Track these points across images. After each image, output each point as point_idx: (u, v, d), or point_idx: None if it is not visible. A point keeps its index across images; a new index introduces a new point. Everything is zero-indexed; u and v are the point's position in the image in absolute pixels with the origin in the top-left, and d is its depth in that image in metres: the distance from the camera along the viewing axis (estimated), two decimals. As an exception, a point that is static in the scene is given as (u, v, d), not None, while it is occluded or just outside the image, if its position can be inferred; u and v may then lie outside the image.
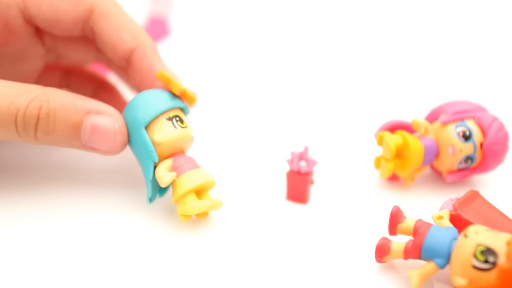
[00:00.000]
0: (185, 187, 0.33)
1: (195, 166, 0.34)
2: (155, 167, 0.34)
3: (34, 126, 0.33)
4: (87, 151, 0.35)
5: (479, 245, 0.28)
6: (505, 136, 0.38)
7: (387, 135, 0.37)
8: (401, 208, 0.33)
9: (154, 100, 0.34)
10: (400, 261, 0.33)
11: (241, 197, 0.38)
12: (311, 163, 0.37)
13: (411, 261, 0.33)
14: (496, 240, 0.29)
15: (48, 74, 0.42)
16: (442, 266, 0.30)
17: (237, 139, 0.44)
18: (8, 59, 0.38)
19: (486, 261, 0.28)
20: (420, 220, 0.32)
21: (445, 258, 0.30)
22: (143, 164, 0.34)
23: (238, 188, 0.39)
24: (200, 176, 0.34)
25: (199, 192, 0.35)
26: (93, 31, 0.36)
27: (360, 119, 0.47)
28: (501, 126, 0.37)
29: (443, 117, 0.38)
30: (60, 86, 0.43)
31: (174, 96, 0.35)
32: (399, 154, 0.38)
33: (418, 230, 0.31)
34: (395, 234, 0.33)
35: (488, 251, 0.28)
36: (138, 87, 0.37)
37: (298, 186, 0.37)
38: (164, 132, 0.34)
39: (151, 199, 0.35)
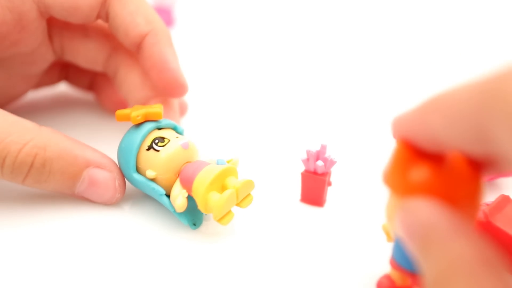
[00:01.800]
0: (200, 196, 0.31)
1: (199, 169, 0.31)
2: (168, 195, 0.32)
3: (25, 173, 0.31)
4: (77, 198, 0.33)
5: None
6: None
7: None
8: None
9: (126, 144, 0.32)
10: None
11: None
12: (329, 163, 0.34)
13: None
14: None
15: (48, 71, 0.41)
16: None
17: (248, 136, 0.42)
18: (18, 62, 0.37)
19: None
20: None
21: None
22: (158, 199, 0.32)
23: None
24: (206, 177, 0.31)
25: (223, 186, 0.31)
26: (107, 14, 0.36)
27: (382, 115, 0.45)
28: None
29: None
30: (59, 79, 0.43)
31: (143, 123, 0.33)
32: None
33: None
34: None
35: None
36: (147, 73, 0.37)
37: (314, 187, 0.35)
38: (150, 165, 0.32)
39: (195, 224, 0.33)
